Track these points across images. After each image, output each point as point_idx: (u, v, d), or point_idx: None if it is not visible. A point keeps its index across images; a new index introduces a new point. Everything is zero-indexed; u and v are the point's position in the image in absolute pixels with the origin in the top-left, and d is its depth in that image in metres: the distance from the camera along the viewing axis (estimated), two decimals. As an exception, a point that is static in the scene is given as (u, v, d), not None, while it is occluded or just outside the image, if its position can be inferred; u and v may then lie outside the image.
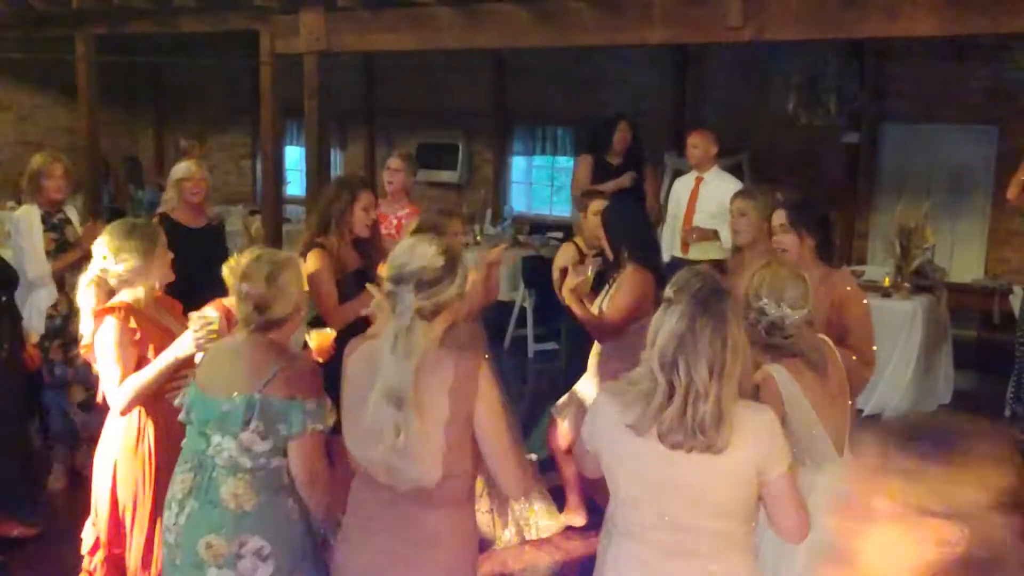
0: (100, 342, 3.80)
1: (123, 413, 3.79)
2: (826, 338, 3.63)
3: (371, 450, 2.91)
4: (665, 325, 2.72)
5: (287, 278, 3.33)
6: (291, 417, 3.18)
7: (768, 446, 2.76)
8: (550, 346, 9.34)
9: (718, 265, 5.79)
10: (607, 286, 5.20)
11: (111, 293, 3.94)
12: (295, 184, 13.20)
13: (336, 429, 3.21)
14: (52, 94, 13.62)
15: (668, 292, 2.77)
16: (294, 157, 13.44)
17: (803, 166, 10.62)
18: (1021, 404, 7.48)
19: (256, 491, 3.24)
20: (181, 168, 6.28)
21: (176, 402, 3.45)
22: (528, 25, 7.51)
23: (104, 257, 3.89)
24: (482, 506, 5.16)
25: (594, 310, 5.06)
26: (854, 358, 4.21)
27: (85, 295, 3.93)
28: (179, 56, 13.70)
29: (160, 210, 6.37)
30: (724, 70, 11.18)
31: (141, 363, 3.80)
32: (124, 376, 3.74)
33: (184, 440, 3.41)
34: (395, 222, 6.71)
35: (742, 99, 10.95)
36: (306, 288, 3.47)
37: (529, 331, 9.55)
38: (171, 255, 4.07)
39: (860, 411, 7.41)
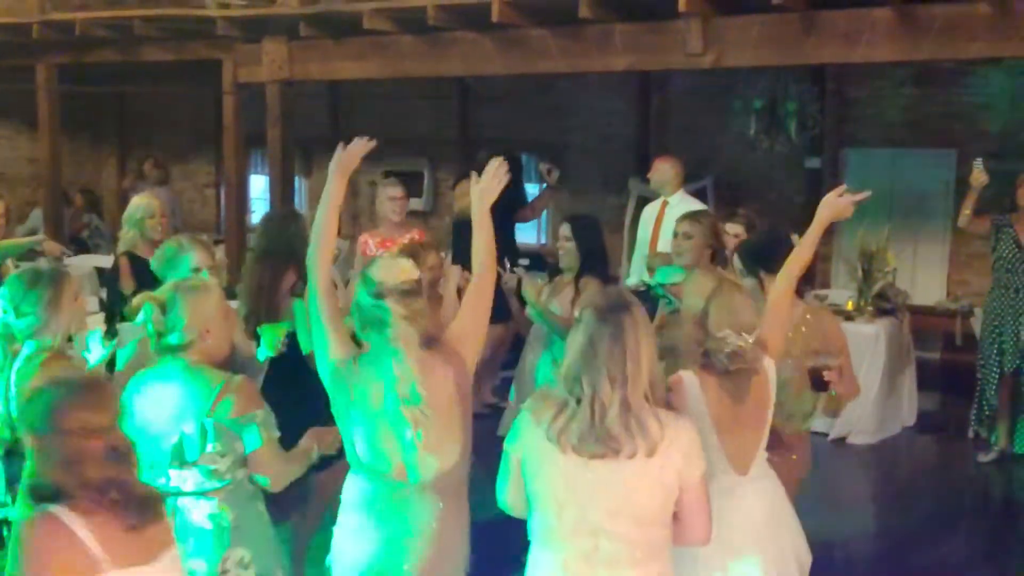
0: None
1: None
2: (768, 365, 3.56)
3: (392, 451, 3.16)
4: (571, 342, 2.87)
5: (185, 304, 3.33)
6: (247, 434, 3.24)
7: (687, 452, 2.88)
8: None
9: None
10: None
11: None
12: (259, 213, 13.14)
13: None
14: (14, 124, 13.52)
15: (576, 311, 2.94)
16: (259, 186, 13.39)
17: (766, 190, 10.70)
18: (983, 426, 7.54)
19: (230, 506, 3.30)
20: (141, 207, 6.12)
21: None
22: (492, 53, 7.56)
23: (4, 311, 3.67)
24: None
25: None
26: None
27: None
28: (142, 85, 13.65)
29: (122, 249, 6.24)
30: (686, 96, 11.25)
31: None
32: None
33: None
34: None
35: (705, 124, 11.02)
36: (221, 312, 3.47)
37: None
38: (83, 302, 3.90)
39: (825, 435, 7.47)
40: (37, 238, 7.75)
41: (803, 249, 3.85)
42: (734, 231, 6.05)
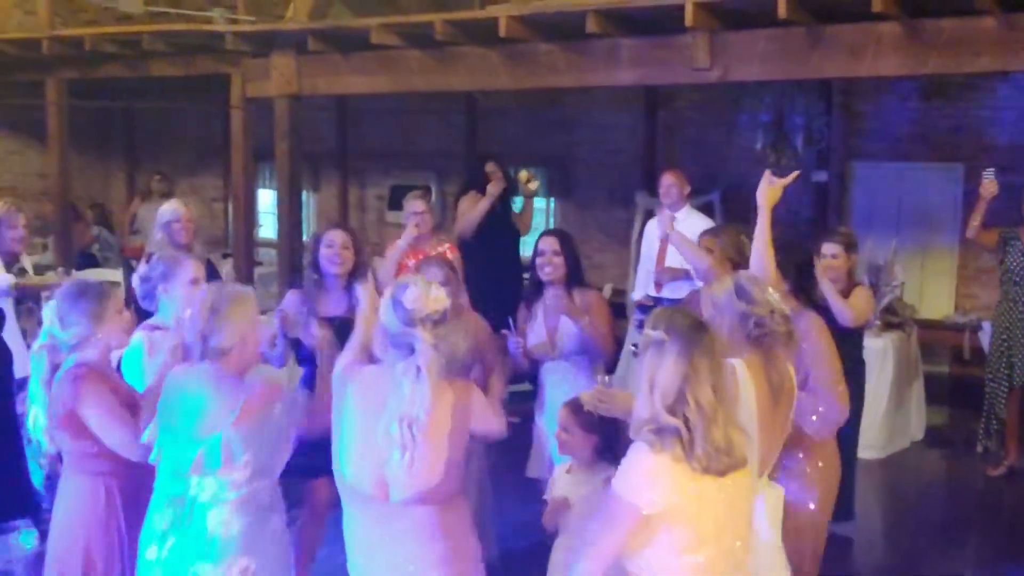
0: (91, 412, 3.55)
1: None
2: (791, 370, 3.63)
3: (375, 465, 3.17)
4: (663, 366, 2.85)
5: (231, 310, 3.40)
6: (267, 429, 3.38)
7: None
8: (523, 387, 9.27)
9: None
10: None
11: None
12: (267, 227, 13.18)
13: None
14: (24, 139, 13.55)
15: (658, 334, 2.89)
16: (267, 200, 13.43)
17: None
18: (993, 440, 7.51)
19: (241, 515, 3.37)
20: (168, 211, 6.26)
21: (144, 439, 3.44)
22: (499, 67, 7.57)
23: (51, 322, 3.70)
24: None
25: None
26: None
27: (37, 362, 3.73)
28: (151, 100, 13.71)
29: (149, 251, 6.38)
30: (693, 110, 11.26)
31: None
32: (135, 431, 3.51)
33: (156, 481, 3.43)
34: None
35: (712, 138, 11.03)
36: (256, 321, 3.57)
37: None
38: (127, 316, 3.90)
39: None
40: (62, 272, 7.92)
41: (759, 244, 4.16)
42: (831, 251, 5.89)
